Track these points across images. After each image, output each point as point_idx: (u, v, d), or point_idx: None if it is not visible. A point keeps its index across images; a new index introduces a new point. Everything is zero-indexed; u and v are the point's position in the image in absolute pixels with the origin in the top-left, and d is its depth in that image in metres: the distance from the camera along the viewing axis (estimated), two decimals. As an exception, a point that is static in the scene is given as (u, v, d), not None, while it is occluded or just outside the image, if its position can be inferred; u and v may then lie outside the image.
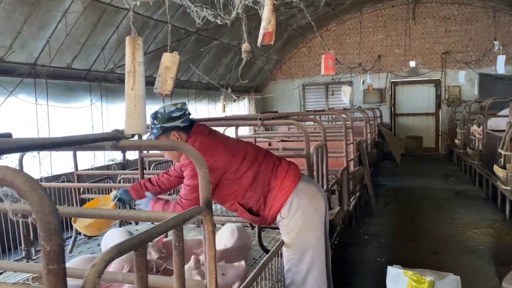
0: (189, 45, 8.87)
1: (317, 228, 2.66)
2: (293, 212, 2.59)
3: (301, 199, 2.60)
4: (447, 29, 13.04)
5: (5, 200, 0.92)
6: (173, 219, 1.27)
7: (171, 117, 2.38)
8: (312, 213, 2.63)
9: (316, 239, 2.65)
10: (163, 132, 2.39)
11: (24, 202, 0.88)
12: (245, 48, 2.87)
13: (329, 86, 14.11)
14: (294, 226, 2.59)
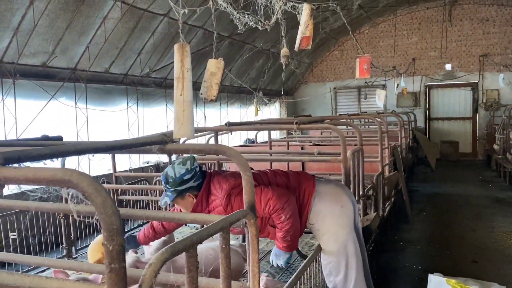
0: (223, 49, 8.97)
1: (347, 225, 2.64)
2: (319, 216, 2.59)
3: (323, 201, 2.60)
4: (485, 31, 12.65)
5: (70, 201, 0.96)
6: (221, 222, 1.29)
7: (183, 180, 2.38)
8: (338, 212, 2.62)
9: (348, 235, 2.63)
10: (178, 195, 2.42)
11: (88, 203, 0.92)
12: (284, 53, 2.88)
13: (362, 89, 13.92)
14: (324, 228, 2.59)
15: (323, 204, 2.60)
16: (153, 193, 4.75)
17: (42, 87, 5.76)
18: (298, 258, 3.89)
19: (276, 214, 2.44)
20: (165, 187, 2.41)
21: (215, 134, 3.92)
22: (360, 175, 3.63)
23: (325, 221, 2.59)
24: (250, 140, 10.36)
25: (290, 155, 5.04)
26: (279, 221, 2.46)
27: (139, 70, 7.39)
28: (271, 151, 5.31)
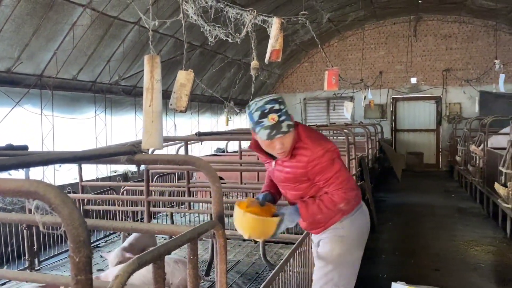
0: (194, 58, 8.97)
1: (362, 250, 2.58)
2: (352, 225, 2.46)
3: (362, 215, 2.54)
4: (448, 46, 13.19)
5: (36, 213, 0.96)
6: (188, 233, 1.30)
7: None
8: (365, 232, 2.56)
9: (358, 259, 2.55)
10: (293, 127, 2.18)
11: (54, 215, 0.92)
12: (254, 65, 2.92)
13: (331, 101, 14.21)
14: (348, 238, 2.45)
15: (361, 217, 2.52)
16: (121, 203, 4.68)
17: (6, 93, 5.60)
18: (267, 268, 3.92)
19: (341, 190, 2.26)
20: (280, 114, 2.12)
21: (185, 144, 3.91)
22: (328, 186, 3.70)
23: (352, 231, 2.47)
24: (221, 149, 10.35)
25: (260, 165, 5.07)
26: (336, 195, 2.27)
27: (108, 78, 7.29)
28: (241, 161, 5.34)
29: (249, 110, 2.19)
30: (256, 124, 2.14)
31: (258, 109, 2.14)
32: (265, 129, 2.11)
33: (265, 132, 2.12)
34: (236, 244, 4.70)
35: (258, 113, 2.14)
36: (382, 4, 11.48)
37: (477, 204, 8.31)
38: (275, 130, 2.11)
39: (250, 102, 2.24)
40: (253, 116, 2.15)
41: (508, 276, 4.72)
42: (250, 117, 2.19)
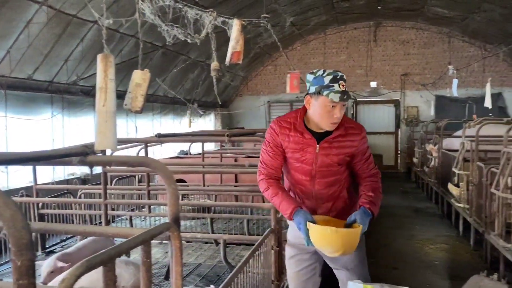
0: (156, 59, 8.85)
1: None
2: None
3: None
4: (406, 52, 13.65)
5: (-25, 215, 0.91)
6: (142, 235, 1.28)
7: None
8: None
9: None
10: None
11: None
12: (214, 67, 2.92)
13: (294, 103, 14.38)
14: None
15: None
16: (78, 207, 4.54)
17: (-46, 92, 5.32)
18: (228, 270, 3.91)
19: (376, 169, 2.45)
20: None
21: (145, 145, 3.85)
22: (289, 187, 3.75)
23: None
24: (184, 151, 10.25)
25: (222, 167, 5.07)
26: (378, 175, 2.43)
27: (66, 78, 7.07)
28: (204, 163, 5.31)
29: (316, 74, 2.24)
30: (326, 88, 2.18)
31: (330, 74, 2.21)
32: (336, 93, 2.16)
33: (336, 95, 2.16)
34: (198, 247, 4.67)
35: (329, 77, 2.20)
36: (343, 10, 11.74)
37: (432, 204, 8.64)
38: (346, 95, 2.17)
39: (312, 71, 2.29)
40: (324, 79, 2.20)
41: (460, 273, 4.93)
42: (318, 81, 2.21)
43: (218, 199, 5.22)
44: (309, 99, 2.28)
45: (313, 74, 2.26)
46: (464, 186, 5.89)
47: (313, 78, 2.25)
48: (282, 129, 2.35)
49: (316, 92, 2.22)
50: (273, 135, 2.37)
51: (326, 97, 2.17)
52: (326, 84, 2.19)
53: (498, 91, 12.39)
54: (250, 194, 4.71)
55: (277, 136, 2.36)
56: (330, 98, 2.16)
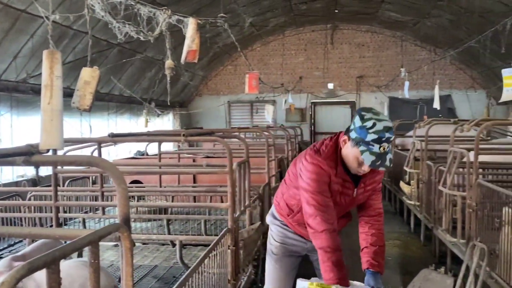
0: (111, 57, 8.62)
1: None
2: None
3: None
4: (361, 54, 14.05)
5: None
6: (89, 236, 1.25)
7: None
8: None
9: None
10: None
11: None
12: (169, 65, 2.89)
13: (254, 104, 14.45)
14: None
15: None
16: (27, 210, 4.35)
17: None
18: (185, 271, 3.88)
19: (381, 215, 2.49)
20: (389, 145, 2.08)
21: (98, 146, 3.75)
22: (246, 186, 3.77)
23: None
24: (141, 152, 10.05)
25: (180, 168, 5.02)
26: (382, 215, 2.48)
27: (14, 75, 6.75)
28: (161, 164, 5.23)
29: (364, 124, 2.06)
30: (365, 144, 2.05)
31: (376, 132, 2.03)
32: (371, 155, 2.04)
33: (370, 158, 2.04)
34: (154, 249, 4.59)
35: (374, 136, 2.03)
36: (301, 12, 11.93)
37: (386, 202, 8.94)
38: (380, 160, 2.04)
39: (364, 112, 2.11)
40: (368, 134, 2.04)
41: (411, 268, 5.13)
42: (361, 132, 2.06)
43: (175, 200, 5.16)
44: (346, 140, 2.18)
45: (362, 120, 2.08)
46: (414, 184, 6.14)
47: (358, 126, 2.08)
48: (329, 169, 2.24)
49: (354, 141, 2.10)
50: (325, 176, 2.21)
51: (360, 153, 2.06)
52: (367, 141, 2.04)
53: (447, 93, 13.01)
54: (208, 194, 4.69)
55: (328, 176, 2.23)
56: (363, 157, 2.05)
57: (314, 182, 2.19)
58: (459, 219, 4.28)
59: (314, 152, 2.25)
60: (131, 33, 2.96)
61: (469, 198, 4.00)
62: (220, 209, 5.40)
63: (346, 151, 2.17)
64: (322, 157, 2.22)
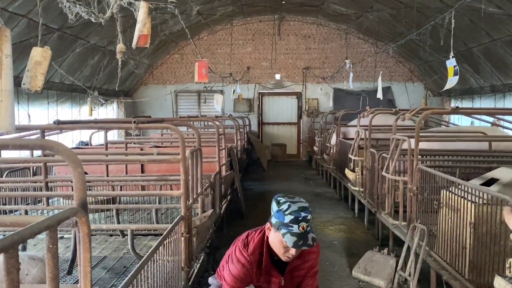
0: (51, 42, 8.16)
1: None
2: None
3: None
4: (307, 46, 14.33)
5: None
6: (47, 220, 1.21)
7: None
8: None
9: None
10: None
11: None
12: (120, 49, 2.80)
13: (202, 94, 14.32)
14: None
15: None
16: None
17: None
18: (136, 261, 3.82)
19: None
20: (309, 225, 2.16)
21: (41, 133, 3.56)
22: (199, 174, 3.76)
23: None
24: (84, 142, 9.66)
25: (128, 156, 4.89)
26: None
27: None
28: (108, 152, 5.07)
29: (279, 208, 2.18)
30: (284, 226, 2.13)
31: (292, 213, 2.13)
32: (292, 235, 2.11)
33: (292, 239, 2.11)
34: (102, 240, 4.47)
35: (290, 217, 2.13)
36: (249, 1, 11.93)
37: (331, 189, 9.26)
38: (302, 240, 2.11)
39: (279, 197, 2.24)
40: (284, 217, 2.14)
41: (356, 250, 5.38)
42: (279, 216, 2.17)
43: (123, 190, 5.03)
44: (269, 226, 2.29)
45: (278, 205, 2.22)
46: (359, 171, 6.41)
47: (276, 210, 2.22)
48: (253, 265, 2.35)
49: (275, 226, 2.21)
50: (246, 273, 2.34)
51: (282, 236, 2.15)
52: (285, 223, 2.14)
53: (388, 85, 13.61)
54: (159, 183, 4.62)
55: (251, 274, 2.35)
56: (285, 240, 2.13)
57: (233, 278, 2.34)
58: (400, 202, 4.54)
59: (243, 246, 2.38)
60: (82, 14, 2.83)
61: (410, 183, 4.25)
62: (170, 199, 5.34)
63: (271, 237, 2.27)
64: (248, 252, 2.34)
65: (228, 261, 2.42)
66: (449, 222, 3.46)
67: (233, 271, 2.34)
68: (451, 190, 3.48)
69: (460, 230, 3.26)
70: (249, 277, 2.35)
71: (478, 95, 10.63)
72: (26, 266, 2.26)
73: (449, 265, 3.43)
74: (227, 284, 2.37)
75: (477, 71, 9.95)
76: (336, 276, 4.65)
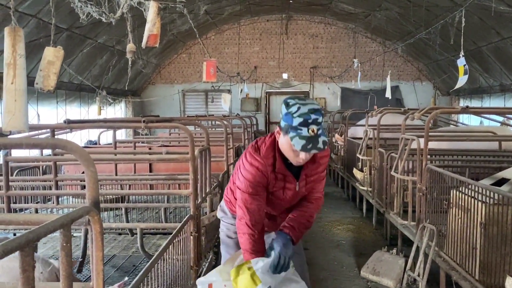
0: (60, 42, 8.22)
1: None
2: None
3: None
4: (315, 45, 14.29)
5: None
6: (61, 219, 1.22)
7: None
8: None
9: None
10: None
11: None
12: (130, 48, 2.82)
13: (209, 93, 14.35)
14: None
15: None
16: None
17: None
18: (145, 260, 3.84)
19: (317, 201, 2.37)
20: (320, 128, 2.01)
21: (51, 132, 3.59)
22: (207, 173, 3.76)
23: None
24: (93, 142, 9.73)
25: (137, 155, 4.91)
26: (318, 201, 2.36)
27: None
28: (116, 151, 5.10)
29: (289, 110, 2.03)
30: (293, 129, 2.00)
31: (301, 115, 1.99)
32: (301, 139, 1.98)
33: (300, 142, 1.97)
34: (111, 238, 4.50)
35: (300, 119, 1.99)
36: (257, 1, 11.93)
37: (339, 189, 9.23)
38: (311, 143, 1.98)
39: (289, 99, 2.07)
40: (293, 120, 2.00)
41: (364, 250, 5.36)
42: (287, 118, 2.03)
43: (132, 189, 5.06)
44: (278, 130, 2.14)
45: (287, 107, 2.06)
46: (367, 171, 6.38)
47: (284, 113, 2.06)
48: (267, 168, 2.18)
49: (284, 130, 2.06)
50: (262, 177, 2.17)
51: (291, 140, 2.00)
52: (294, 126, 2.00)
53: (396, 84, 13.55)
54: (168, 182, 4.64)
55: (266, 177, 2.18)
56: (293, 143, 2.00)
57: (248, 184, 2.17)
58: (409, 202, 4.51)
59: (254, 150, 2.21)
60: (93, 14, 2.84)
61: (419, 183, 4.22)
62: (179, 197, 5.36)
63: (281, 141, 2.13)
64: (261, 156, 2.18)
65: (240, 170, 2.22)
66: (459, 222, 3.43)
67: (247, 176, 2.16)
68: (461, 190, 3.45)
69: (470, 231, 3.24)
70: (264, 181, 2.17)
71: (487, 94, 10.53)
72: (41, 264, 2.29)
73: (459, 265, 3.41)
74: (243, 191, 2.18)
75: (486, 70, 9.86)
76: (344, 276, 4.63)
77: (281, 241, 2.15)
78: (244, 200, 2.18)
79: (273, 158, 2.18)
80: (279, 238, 2.17)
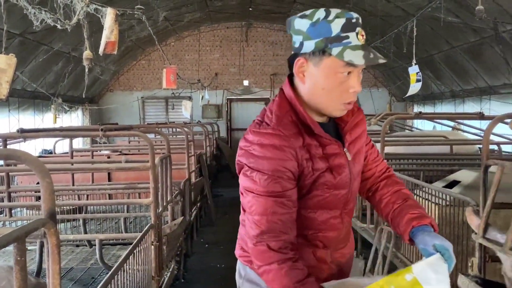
0: (12, 48, 7.89)
1: None
2: None
3: None
4: (274, 53, 14.48)
5: None
6: (15, 231, 1.18)
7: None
8: None
9: None
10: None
11: None
12: (87, 56, 2.76)
13: (169, 100, 14.20)
14: None
15: None
16: None
17: None
18: (105, 271, 3.73)
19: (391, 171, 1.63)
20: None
21: (3, 142, 3.44)
22: (168, 182, 3.72)
23: None
24: (47, 151, 9.37)
25: (95, 164, 4.78)
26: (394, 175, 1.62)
27: None
28: (73, 161, 4.94)
29: (313, 19, 1.29)
30: (336, 41, 1.27)
31: (339, 16, 1.27)
32: (354, 49, 1.27)
33: (357, 53, 1.27)
34: (69, 251, 4.34)
35: (342, 20, 1.27)
36: (216, 8, 11.95)
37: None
38: (370, 52, 1.30)
39: (301, 13, 1.35)
40: (331, 25, 1.27)
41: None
42: (319, 28, 1.28)
43: (90, 199, 4.91)
44: (303, 63, 1.35)
45: (308, 19, 1.31)
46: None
47: (309, 25, 1.30)
48: (294, 142, 1.33)
49: (318, 51, 1.30)
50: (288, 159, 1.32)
51: (338, 59, 1.28)
52: (335, 35, 1.27)
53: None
54: (126, 191, 4.54)
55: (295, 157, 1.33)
56: (348, 59, 1.27)
57: (266, 177, 1.32)
58: (368, 206, 4.64)
59: (259, 125, 1.40)
60: (48, 20, 2.75)
61: (377, 186, 4.35)
62: (139, 207, 5.26)
63: (313, 79, 1.34)
64: (273, 125, 1.35)
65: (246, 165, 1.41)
66: (415, 223, 3.56)
67: (260, 165, 1.33)
68: (416, 192, 3.60)
69: (425, 231, 3.37)
70: (292, 165, 1.32)
71: (439, 100, 11.04)
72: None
73: (415, 265, 3.54)
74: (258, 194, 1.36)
75: (438, 77, 10.34)
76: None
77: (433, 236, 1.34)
78: (262, 209, 1.34)
79: (293, 125, 1.35)
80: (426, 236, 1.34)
